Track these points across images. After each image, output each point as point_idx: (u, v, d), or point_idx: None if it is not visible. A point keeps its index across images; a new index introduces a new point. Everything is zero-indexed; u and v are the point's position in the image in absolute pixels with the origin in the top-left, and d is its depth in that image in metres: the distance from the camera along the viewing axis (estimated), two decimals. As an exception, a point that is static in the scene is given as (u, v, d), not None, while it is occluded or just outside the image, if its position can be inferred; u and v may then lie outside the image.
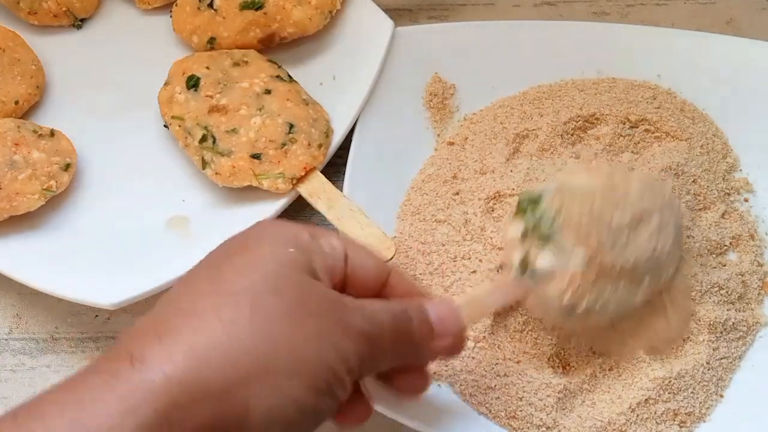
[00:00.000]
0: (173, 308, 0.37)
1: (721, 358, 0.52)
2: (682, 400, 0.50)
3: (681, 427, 0.50)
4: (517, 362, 0.51)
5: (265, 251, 0.39)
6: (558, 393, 0.50)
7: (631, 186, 0.50)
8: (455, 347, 0.44)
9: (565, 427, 0.49)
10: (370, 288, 0.43)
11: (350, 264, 0.42)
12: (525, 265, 0.48)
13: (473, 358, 0.51)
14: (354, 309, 0.39)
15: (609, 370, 0.51)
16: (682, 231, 0.52)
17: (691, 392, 0.51)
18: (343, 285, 0.41)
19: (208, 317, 0.36)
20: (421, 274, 0.54)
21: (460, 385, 0.51)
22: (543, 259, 0.47)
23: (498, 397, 0.50)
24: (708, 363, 0.51)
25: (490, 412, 0.50)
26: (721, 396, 0.52)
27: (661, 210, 0.50)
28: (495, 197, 0.56)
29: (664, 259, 0.49)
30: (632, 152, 0.59)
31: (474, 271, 0.54)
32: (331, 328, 0.38)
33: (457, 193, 0.57)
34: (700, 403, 0.51)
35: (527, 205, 0.49)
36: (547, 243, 0.47)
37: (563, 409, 0.50)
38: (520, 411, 0.50)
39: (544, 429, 0.49)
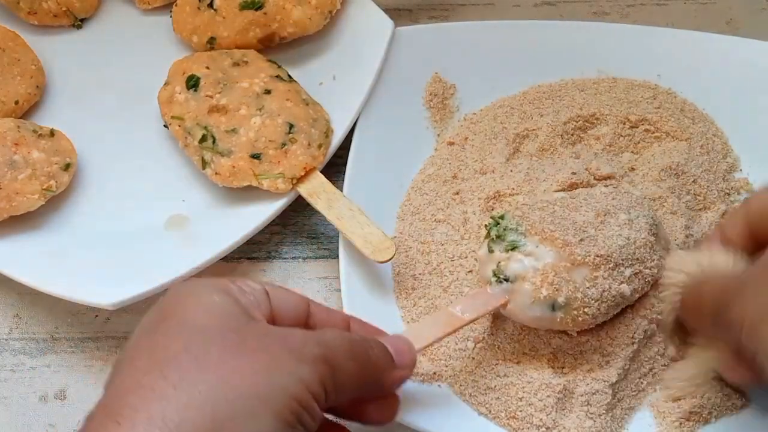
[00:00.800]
0: (120, 390, 0.36)
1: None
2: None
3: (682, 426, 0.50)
4: (517, 363, 0.51)
5: (191, 308, 0.38)
6: (558, 393, 0.49)
7: (594, 190, 0.52)
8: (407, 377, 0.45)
9: (564, 428, 0.49)
10: (296, 320, 0.43)
11: (272, 299, 0.42)
12: (498, 274, 0.49)
13: (473, 358, 0.51)
14: (304, 336, 0.39)
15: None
16: (660, 229, 0.52)
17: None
18: (273, 322, 0.41)
19: (156, 385, 0.35)
20: (420, 273, 0.54)
21: (460, 385, 0.51)
22: (514, 263, 0.48)
23: (498, 398, 0.50)
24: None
25: (490, 412, 0.50)
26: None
27: (629, 208, 0.51)
28: (495, 197, 0.56)
29: (642, 250, 0.50)
30: (632, 152, 0.59)
31: (470, 271, 0.54)
32: (283, 357, 0.37)
33: (457, 193, 0.57)
34: (703, 403, 0.50)
35: (492, 224, 0.50)
36: (514, 250, 0.49)
37: (563, 410, 0.50)
38: (520, 411, 0.49)
39: (543, 429, 0.49)
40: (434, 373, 0.51)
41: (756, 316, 0.41)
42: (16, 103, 0.59)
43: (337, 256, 0.55)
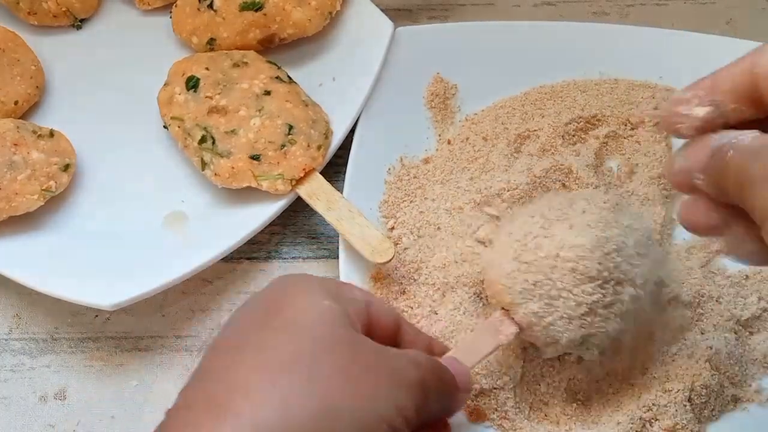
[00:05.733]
0: (224, 385, 0.35)
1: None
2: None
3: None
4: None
5: (302, 307, 0.38)
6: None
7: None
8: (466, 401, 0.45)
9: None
10: (389, 336, 0.42)
11: (372, 312, 0.41)
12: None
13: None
14: (400, 357, 0.39)
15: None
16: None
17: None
18: (368, 335, 0.40)
19: (266, 391, 0.35)
20: (418, 274, 0.54)
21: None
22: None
23: (491, 399, 0.50)
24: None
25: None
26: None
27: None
28: (496, 197, 0.56)
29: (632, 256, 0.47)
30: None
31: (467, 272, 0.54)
32: (386, 382, 0.37)
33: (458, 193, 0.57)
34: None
35: None
36: None
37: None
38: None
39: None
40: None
41: None
42: (16, 103, 0.59)
43: (337, 256, 0.55)
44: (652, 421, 0.49)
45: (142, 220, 0.57)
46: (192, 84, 0.58)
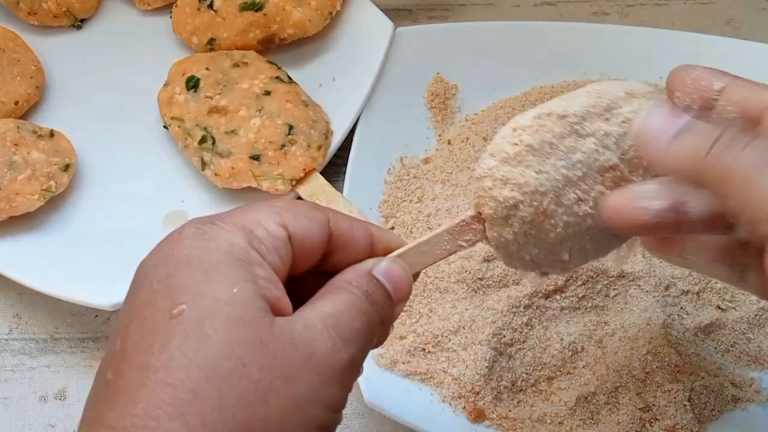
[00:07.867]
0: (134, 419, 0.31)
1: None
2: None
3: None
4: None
5: (203, 306, 0.32)
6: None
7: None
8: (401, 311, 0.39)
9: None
10: (316, 254, 0.36)
11: (293, 241, 0.35)
12: None
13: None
14: (327, 344, 0.33)
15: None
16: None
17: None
18: (294, 266, 0.35)
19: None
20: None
21: (446, 388, 0.51)
22: None
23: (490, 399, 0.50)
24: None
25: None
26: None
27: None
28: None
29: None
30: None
31: (468, 271, 0.54)
32: (311, 381, 0.32)
33: (458, 194, 0.57)
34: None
35: None
36: None
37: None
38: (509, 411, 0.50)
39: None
40: (431, 377, 0.51)
41: None
42: (16, 103, 0.59)
43: (336, 257, 0.55)
44: (652, 421, 0.50)
45: (142, 220, 0.57)
46: (192, 84, 0.58)
